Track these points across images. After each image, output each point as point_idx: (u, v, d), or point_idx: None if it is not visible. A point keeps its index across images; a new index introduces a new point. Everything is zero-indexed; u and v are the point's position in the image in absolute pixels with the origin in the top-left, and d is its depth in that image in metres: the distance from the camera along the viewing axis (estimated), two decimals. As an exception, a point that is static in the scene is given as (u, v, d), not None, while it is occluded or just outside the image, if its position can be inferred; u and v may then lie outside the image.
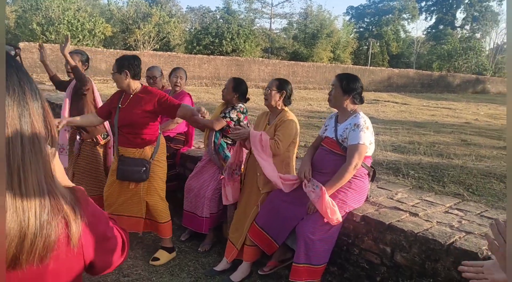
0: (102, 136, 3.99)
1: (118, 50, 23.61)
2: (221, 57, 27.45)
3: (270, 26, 43.50)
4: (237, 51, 33.54)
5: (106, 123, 3.98)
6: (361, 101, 2.84)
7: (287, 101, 3.14)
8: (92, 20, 26.92)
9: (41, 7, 25.52)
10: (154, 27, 30.89)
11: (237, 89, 3.50)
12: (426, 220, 2.59)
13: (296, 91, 23.87)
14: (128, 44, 31.33)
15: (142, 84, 3.34)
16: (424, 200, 3.01)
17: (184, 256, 3.49)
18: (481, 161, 6.29)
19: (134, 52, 23.20)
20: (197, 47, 33.11)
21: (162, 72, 4.30)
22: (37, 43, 3.08)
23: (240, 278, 3.03)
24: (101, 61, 22.08)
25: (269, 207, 2.92)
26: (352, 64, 40.97)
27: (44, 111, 0.72)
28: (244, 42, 33.76)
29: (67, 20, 25.16)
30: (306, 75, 29.41)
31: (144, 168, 3.22)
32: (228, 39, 32.99)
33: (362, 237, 2.67)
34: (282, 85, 3.12)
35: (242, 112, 3.49)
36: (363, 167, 2.74)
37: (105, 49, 24.27)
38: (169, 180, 4.02)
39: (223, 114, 3.45)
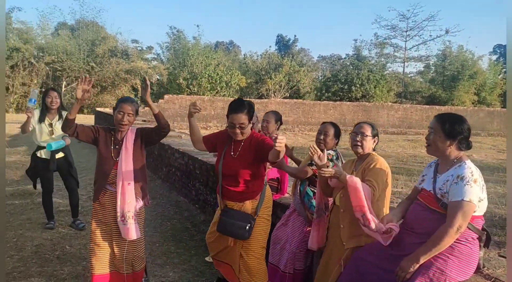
0: None
1: (250, 99, 25.26)
2: (348, 103, 27.12)
3: (404, 70, 41.68)
4: (367, 96, 32.81)
5: None
6: (468, 146, 2.31)
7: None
8: (229, 73, 29.72)
9: (188, 64, 29.21)
10: (284, 77, 32.46)
11: (338, 136, 3.27)
12: None
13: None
14: (261, 93, 33.35)
15: (252, 130, 3.04)
16: None
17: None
18: None
19: (263, 100, 24.52)
20: (326, 94, 33.42)
21: (257, 116, 4.17)
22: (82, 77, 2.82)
23: None
24: (233, 109, 23.89)
25: (352, 268, 2.50)
26: (501, 107, 36.27)
27: None
28: (375, 87, 32.90)
29: (208, 74, 28.24)
30: (443, 120, 26.93)
31: (249, 225, 2.88)
32: (357, 85, 32.57)
33: (469, 321, 2.08)
34: (374, 129, 2.79)
35: (331, 160, 3.13)
36: (470, 229, 2.18)
37: (238, 98, 26.24)
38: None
39: (310, 162, 3.16)
